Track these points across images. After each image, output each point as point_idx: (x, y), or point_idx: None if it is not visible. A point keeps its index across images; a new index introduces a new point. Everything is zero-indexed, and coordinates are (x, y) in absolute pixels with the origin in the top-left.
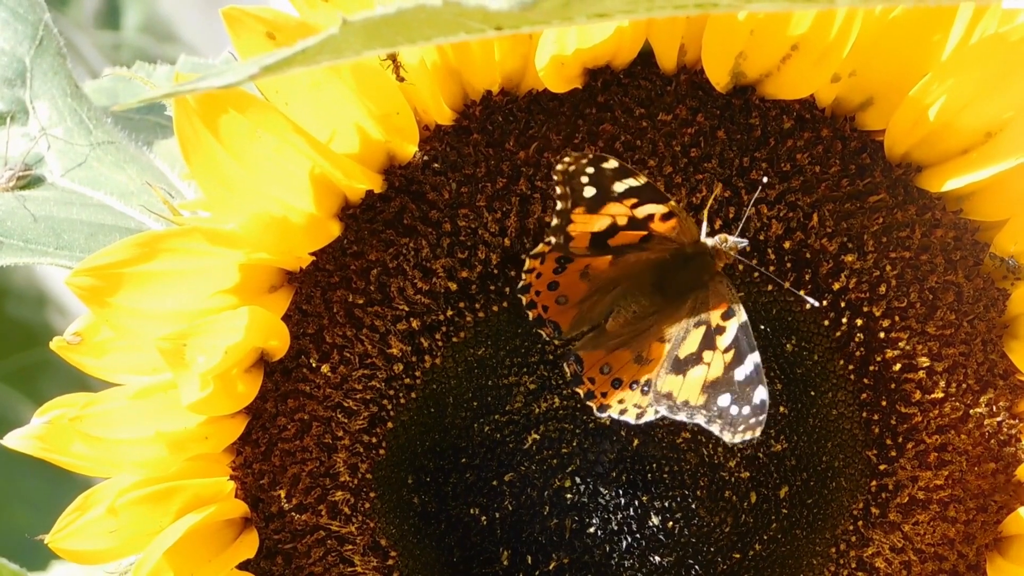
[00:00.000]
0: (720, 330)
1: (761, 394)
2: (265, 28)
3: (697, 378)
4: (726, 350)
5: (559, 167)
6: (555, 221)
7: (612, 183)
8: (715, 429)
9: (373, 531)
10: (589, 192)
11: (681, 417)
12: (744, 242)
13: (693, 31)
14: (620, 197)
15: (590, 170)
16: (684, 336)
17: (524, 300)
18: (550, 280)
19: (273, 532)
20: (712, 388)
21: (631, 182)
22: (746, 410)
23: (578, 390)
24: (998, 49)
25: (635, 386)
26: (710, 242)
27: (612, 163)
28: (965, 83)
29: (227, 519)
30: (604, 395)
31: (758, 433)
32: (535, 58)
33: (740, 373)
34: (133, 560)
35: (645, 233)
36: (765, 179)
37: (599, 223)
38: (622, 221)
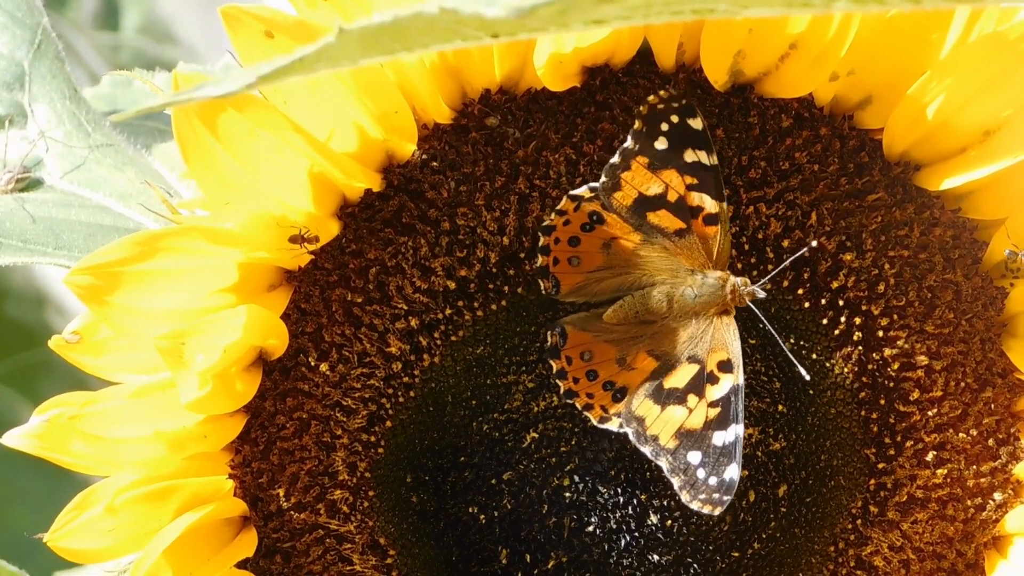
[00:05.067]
0: (713, 379)
1: (732, 472)
2: (263, 27)
3: (674, 418)
4: (712, 404)
5: (651, 99)
6: (615, 159)
7: (685, 148)
8: (675, 482)
9: (372, 530)
10: (661, 144)
11: (645, 450)
12: (762, 294)
13: (692, 30)
14: (683, 169)
15: (675, 119)
16: (674, 366)
17: (540, 241)
18: (574, 234)
19: (272, 531)
20: (686, 438)
21: (703, 157)
22: (713, 480)
23: (552, 362)
24: (996, 47)
25: (609, 387)
26: (731, 279)
27: (698, 123)
28: (963, 82)
29: (226, 518)
30: (576, 381)
31: (717, 512)
32: (533, 57)
33: (719, 438)
34: (132, 559)
35: (684, 226)
36: (815, 243)
37: (653, 186)
38: (672, 197)
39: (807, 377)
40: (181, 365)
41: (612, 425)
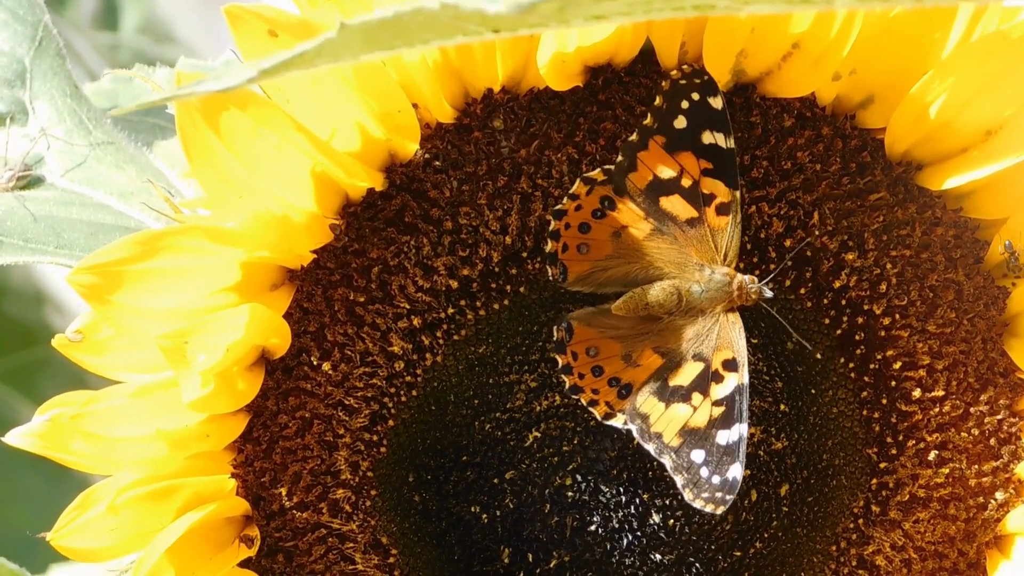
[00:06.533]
0: (718, 378)
1: (735, 471)
2: (267, 26)
3: (678, 416)
4: (717, 403)
5: (672, 73)
6: (634, 136)
7: (703, 130)
8: (678, 480)
9: (374, 529)
10: (680, 123)
11: (648, 448)
12: (769, 293)
13: (694, 29)
14: (700, 152)
15: (695, 96)
16: (680, 363)
17: (551, 226)
18: (584, 220)
19: (274, 530)
20: (690, 436)
21: (720, 139)
22: (716, 479)
23: (558, 358)
24: (999, 47)
25: (614, 383)
26: (738, 276)
27: (718, 102)
28: (966, 81)
29: (228, 517)
30: (582, 376)
31: (719, 511)
32: (536, 56)
33: (723, 437)
34: (134, 558)
35: (696, 215)
36: (818, 243)
37: (668, 169)
38: (686, 182)
39: (809, 347)
40: (183, 364)
41: (617, 422)
